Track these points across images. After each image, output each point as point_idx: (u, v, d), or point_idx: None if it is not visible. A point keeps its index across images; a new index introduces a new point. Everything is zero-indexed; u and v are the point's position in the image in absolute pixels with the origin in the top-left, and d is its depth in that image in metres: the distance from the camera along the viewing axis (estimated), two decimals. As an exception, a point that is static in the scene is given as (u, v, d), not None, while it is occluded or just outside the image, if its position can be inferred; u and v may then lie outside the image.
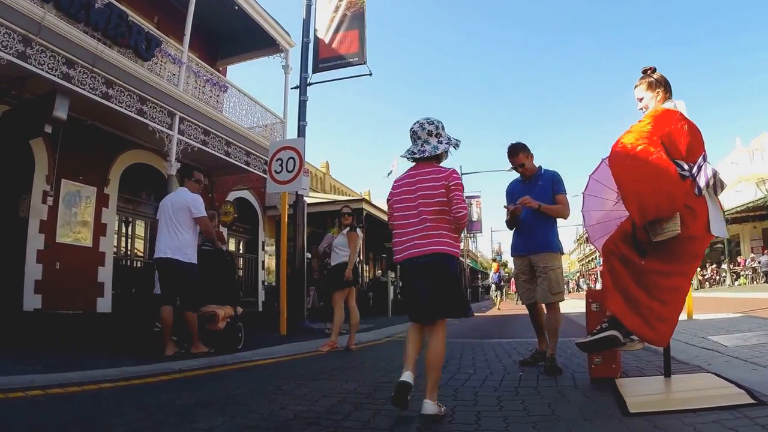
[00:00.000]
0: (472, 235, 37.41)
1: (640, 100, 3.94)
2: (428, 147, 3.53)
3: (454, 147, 3.61)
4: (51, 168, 10.05)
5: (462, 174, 32.08)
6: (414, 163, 3.63)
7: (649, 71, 3.95)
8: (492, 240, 71.75)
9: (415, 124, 3.62)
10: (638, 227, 3.64)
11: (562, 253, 5.30)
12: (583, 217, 5.29)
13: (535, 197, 5.02)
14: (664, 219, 3.48)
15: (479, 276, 53.50)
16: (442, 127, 3.61)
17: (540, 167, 5.40)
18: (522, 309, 6.59)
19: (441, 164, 3.62)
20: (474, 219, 38.50)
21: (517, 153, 5.30)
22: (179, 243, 6.38)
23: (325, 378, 4.93)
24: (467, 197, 38.26)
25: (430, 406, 3.14)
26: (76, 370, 4.74)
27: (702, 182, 3.54)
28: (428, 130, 3.56)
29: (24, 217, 9.77)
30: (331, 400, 3.87)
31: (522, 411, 3.39)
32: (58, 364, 4.99)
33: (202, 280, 6.61)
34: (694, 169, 3.55)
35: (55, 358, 5.47)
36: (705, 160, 3.62)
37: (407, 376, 3.30)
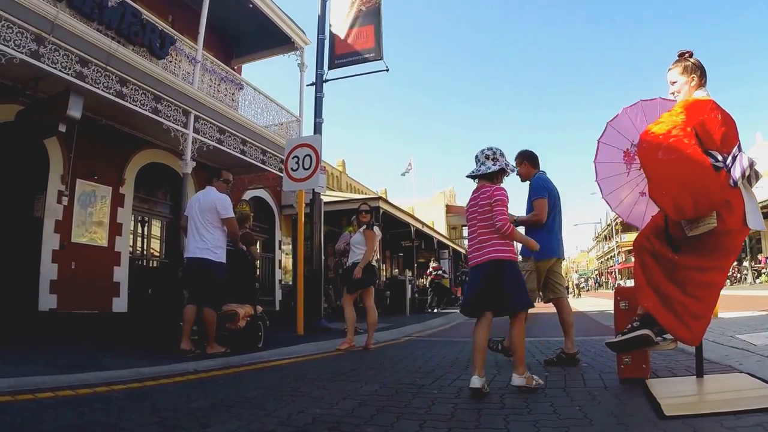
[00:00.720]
0: None
1: (673, 83, 3.73)
2: (483, 168, 4.14)
3: (510, 171, 4.20)
4: (66, 168, 10.03)
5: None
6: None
7: (686, 55, 3.74)
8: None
9: (479, 150, 4.24)
10: (671, 222, 3.47)
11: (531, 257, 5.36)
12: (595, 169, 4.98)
13: (527, 202, 5.54)
14: None
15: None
16: (501, 153, 4.20)
17: (536, 173, 5.60)
18: (545, 307, 6.43)
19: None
20: None
21: (515, 159, 5.69)
22: (207, 243, 6.37)
23: (344, 379, 4.77)
24: None
25: (516, 380, 3.89)
26: (88, 371, 4.63)
27: (737, 173, 3.32)
28: (486, 155, 4.18)
29: (39, 217, 9.76)
30: (352, 403, 3.71)
31: (552, 414, 3.23)
32: (70, 364, 4.88)
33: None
34: (728, 160, 3.35)
35: (68, 358, 5.34)
36: (740, 150, 3.42)
37: (477, 381, 3.74)
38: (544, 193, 5.38)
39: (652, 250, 3.58)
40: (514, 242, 4.22)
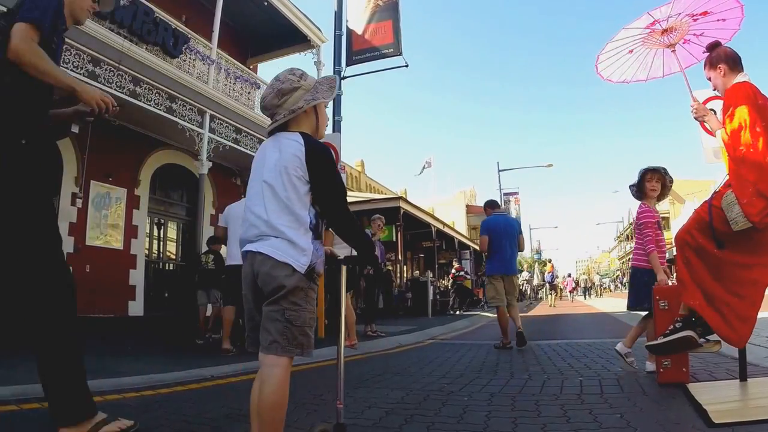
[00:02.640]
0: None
1: (710, 79, 3.57)
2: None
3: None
4: (80, 169, 9.91)
5: (499, 171, 31.67)
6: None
7: (711, 47, 3.58)
8: (531, 237, 69.80)
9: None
10: (716, 215, 3.23)
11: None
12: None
13: None
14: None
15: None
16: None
17: (491, 214, 7.79)
18: (569, 308, 6.29)
19: None
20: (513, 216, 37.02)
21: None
22: None
23: (369, 385, 4.49)
24: (505, 194, 37.39)
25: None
26: (101, 377, 4.39)
27: None
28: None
29: (53, 219, 9.55)
30: (378, 412, 3.46)
31: (593, 422, 3.02)
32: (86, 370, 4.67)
33: None
34: None
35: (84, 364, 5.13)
36: None
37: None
38: (484, 233, 7.56)
39: (695, 246, 3.37)
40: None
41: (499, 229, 7.45)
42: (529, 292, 33.63)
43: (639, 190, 4.80)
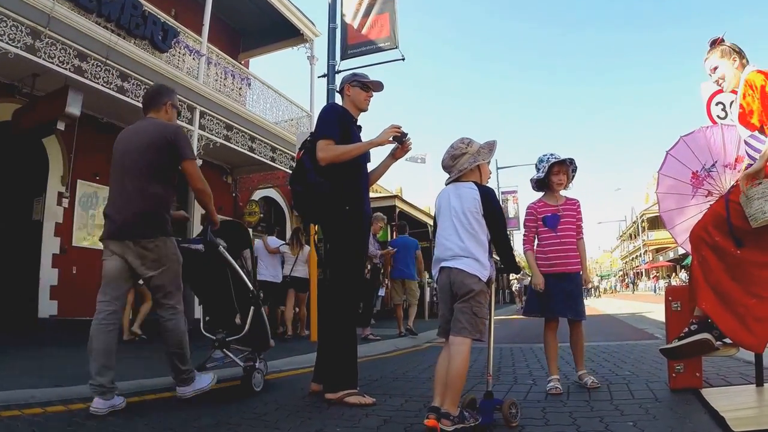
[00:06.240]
0: (509, 231, 35.18)
1: (714, 69, 3.37)
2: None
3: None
4: (66, 168, 9.71)
5: (498, 168, 31.78)
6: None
7: (718, 41, 3.39)
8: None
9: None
10: (734, 211, 3.03)
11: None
12: (658, 199, 4.59)
13: None
14: (766, 200, 2.87)
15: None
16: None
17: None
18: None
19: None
20: (511, 215, 36.54)
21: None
22: None
23: (366, 392, 4.23)
24: (503, 192, 37.31)
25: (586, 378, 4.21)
26: (86, 382, 4.19)
27: None
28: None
29: (38, 219, 9.46)
30: (376, 420, 3.27)
31: (604, 430, 2.85)
32: (68, 375, 4.48)
33: None
34: None
35: (66, 369, 4.96)
36: None
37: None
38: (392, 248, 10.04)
39: (712, 244, 3.15)
40: None
41: (399, 246, 10.16)
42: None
43: (544, 183, 4.38)
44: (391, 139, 4.02)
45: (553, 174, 4.28)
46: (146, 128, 3.92)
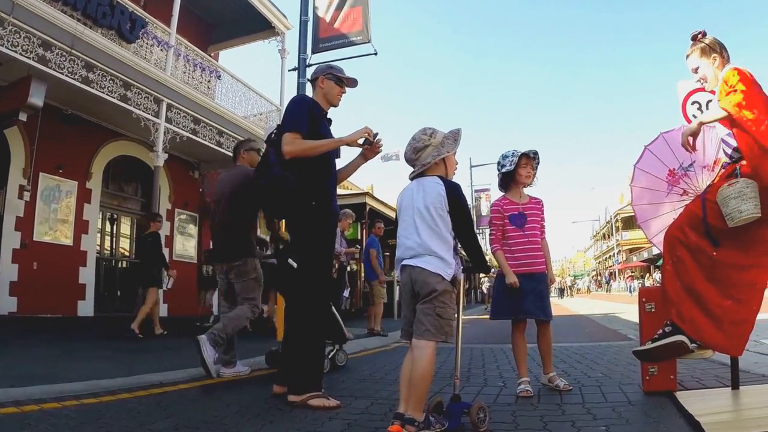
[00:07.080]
0: (480, 231, 35.11)
1: (695, 70, 3.33)
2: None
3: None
4: (28, 161, 9.47)
5: (471, 167, 31.80)
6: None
7: (699, 36, 3.32)
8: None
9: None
10: (711, 210, 3.00)
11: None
12: (632, 192, 4.60)
13: None
14: (743, 199, 2.84)
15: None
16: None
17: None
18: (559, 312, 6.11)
19: None
20: (483, 214, 36.36)
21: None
22: None
23: (330, 394, 4.14)
24: (476, 190, 37.46)
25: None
26: (43, 382, 4.06)
27: None
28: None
29: (-1, 213, 9.17)
30: (340, 423, 3.20)
31: None
32: (25, 375, 4.33)
33: None
34: None
35: (24, 368, 4.77)
36: None
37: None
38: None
39: (687, 244, 3.12)
40: None
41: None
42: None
43: (509, 177, 4.27)
44: (360, 141, 3.91)
45: (521, 167, 4.22)
46: None
